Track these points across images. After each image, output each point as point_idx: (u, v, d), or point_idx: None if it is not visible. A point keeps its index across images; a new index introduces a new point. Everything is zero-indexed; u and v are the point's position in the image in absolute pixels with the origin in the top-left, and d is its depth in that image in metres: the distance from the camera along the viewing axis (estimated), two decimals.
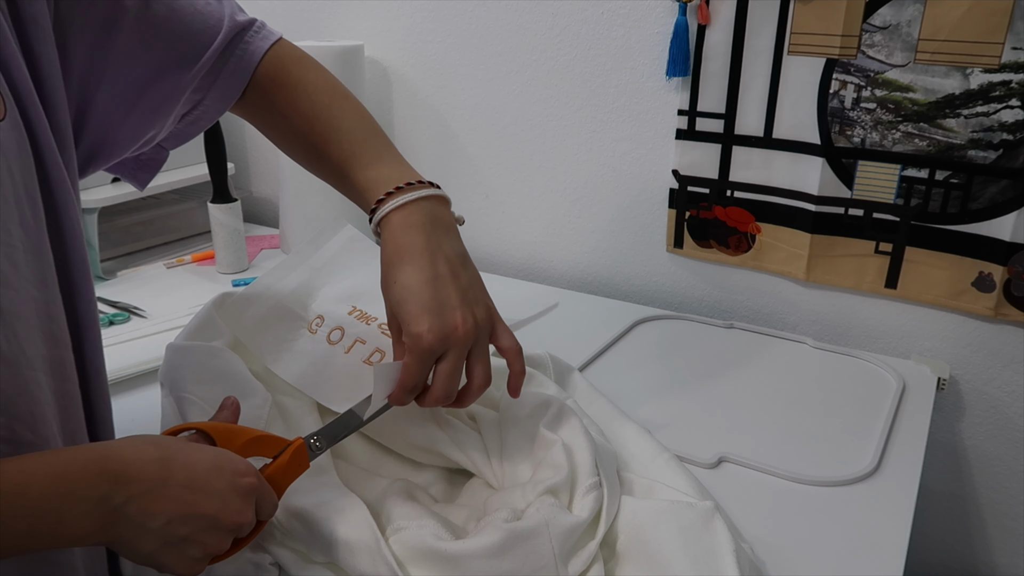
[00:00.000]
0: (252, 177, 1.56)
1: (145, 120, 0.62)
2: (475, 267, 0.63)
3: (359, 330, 0.73)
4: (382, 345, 0.71)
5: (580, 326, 1.07)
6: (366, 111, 0.71)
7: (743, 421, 0.85)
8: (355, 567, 0.57)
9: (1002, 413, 1.02)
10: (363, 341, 0.72)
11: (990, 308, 0.96)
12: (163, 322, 1.04)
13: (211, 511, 0.47)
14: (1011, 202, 0.91)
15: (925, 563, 1.12)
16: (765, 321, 1.13)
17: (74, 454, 0.44)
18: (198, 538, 0.47)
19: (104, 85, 0.58)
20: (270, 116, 0.70)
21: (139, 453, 0.45)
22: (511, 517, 0.57)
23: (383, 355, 0.70)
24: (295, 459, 0.57)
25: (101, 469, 0.43)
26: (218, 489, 0.48)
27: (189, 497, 0.46)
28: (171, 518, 0.45)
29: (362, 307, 0.75)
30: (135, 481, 0.44)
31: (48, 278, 0.52)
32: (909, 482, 0.75)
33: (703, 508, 0.61)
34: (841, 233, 1.03)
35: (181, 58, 0.62)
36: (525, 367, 0.64)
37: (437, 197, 0.64)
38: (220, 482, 0.48)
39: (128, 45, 0.59)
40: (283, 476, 0.56)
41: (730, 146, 1.06)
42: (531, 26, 1.16)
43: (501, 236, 1.32)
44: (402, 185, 0.64)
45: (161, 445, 0.47)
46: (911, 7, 0.90)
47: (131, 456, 0.45)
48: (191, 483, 0.46)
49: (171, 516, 0.45)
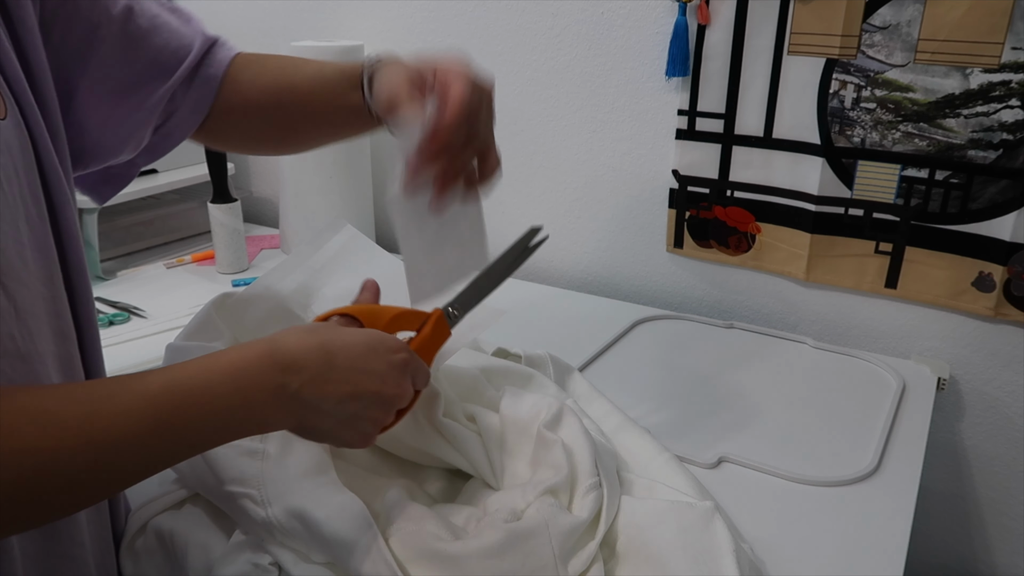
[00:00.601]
0: (252, 177, 1.56)
1: (121, 130, 0.62)
2: None
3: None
4: None
5: (580, 326, 1.07)
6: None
7: (743, 421, 0.85)
8: (355, 567, 0.57)
9: (1002, 413, 1.02)
10: None
11: (990, 308, 0.96)
12: (163, 322, 1.04)
13: (374, 388, 0.51)
14: (1011, 202, 0.91)
15: (925, 563, 1.12)
16: (765, 321, 1.13)
17: (244, 351, 0.47)
18: (366, 413, 0.52)
19: (82, 92, 0.59)
20: (241, 108, 0.69)
21: (302, 342, 0.49)
22: (511, 517, 0.57)
23: None
24: (437, 329, 0.60)
25: (273, 361, 0.47)
26: (376, 368, 0.52)
27: (353, 377, 0.50)
28: (341, 398, 0.50)
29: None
30: (304, 369, 0.48)
31: (55, 275, 0.53)
32: (909, 482, 0.75)
33: (703, 508, 0.61)
34: (841, 233, 1.03)
35: (160, 70, 0.63)
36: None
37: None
38: (377, 361, 0.52)
39: (109, 55, 0.60)
40: (429, 347, 0.59)
41: (730, 146, 1.06)
42: (531, 26, 1.16)
43: (501, 236, 1.31)
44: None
45: (319, 333, 0.51)
46: (911, 7, 0.90)
47: (295, 346, 0.48)
48: (353, 364, 0.50)
49: (341, 396, 0.50)
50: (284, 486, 0.62)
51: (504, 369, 0.78)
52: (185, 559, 0.65)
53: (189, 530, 0.66)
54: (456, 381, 0.73)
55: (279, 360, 0.47)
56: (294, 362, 0.48)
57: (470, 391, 0.74)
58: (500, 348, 0.85)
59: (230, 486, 0.62)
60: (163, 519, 0.67)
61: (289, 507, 0.60)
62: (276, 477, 0.63)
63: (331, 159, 1.22)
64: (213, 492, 0.66)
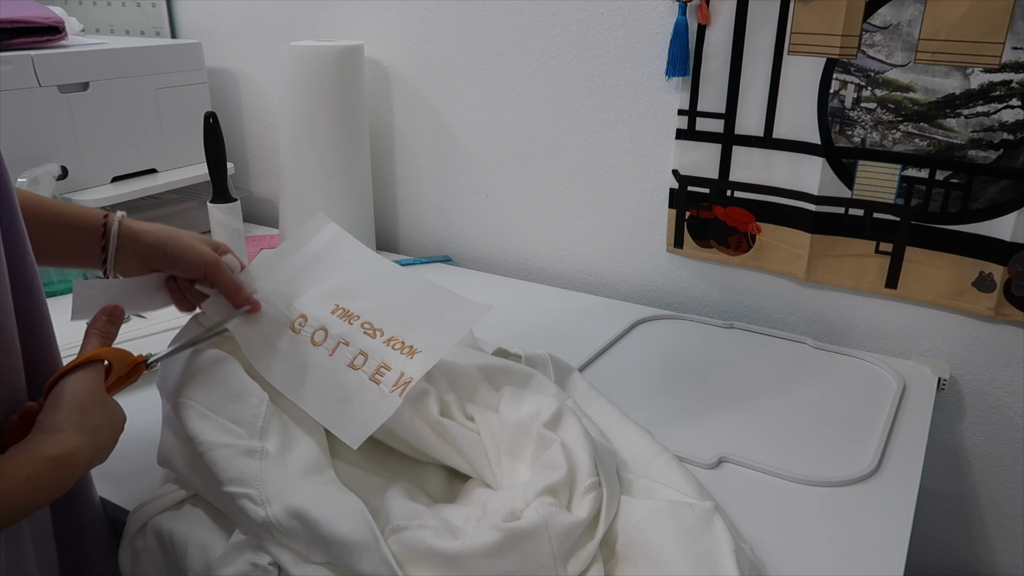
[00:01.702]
0: (252, 177, 1.56)
1: None
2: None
3: (342, 330, 0.72)
4: (365, 347, 0.70)
5: (580, 326, 1.07)
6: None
7: (743, 421, 0.85)
8: (354, 566, 0.57)
9: (1002, 413, 1.02)
10: (346, 343, 0.71)
11: (990, 308, 0.96)
12: (162, 322, 1.04)
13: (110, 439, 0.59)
14: (1011, 202, 0.91)
15: (925, 563, 1.12)
16: (765, 321, 1.13)
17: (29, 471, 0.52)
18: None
19: None
20: None
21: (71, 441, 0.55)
22: (510, 517, 0.57)
23: (366, 358, 0.69)
24: (135, 372, 0.65)
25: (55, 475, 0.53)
26: (108, 424, 0.59)
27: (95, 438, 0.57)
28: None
29: (345, 305, 0.74)
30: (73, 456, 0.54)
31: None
32: (909, 482, 0.75)
33: (703, 508, 0.61)
34: (841, 233, 1.03)
35: None
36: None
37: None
38: (113, 422, 0.59)
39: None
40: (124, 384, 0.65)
41: (730, 146, 1.06)
42: (531, 26, 1.16)
43: (501, 236, 1.32)
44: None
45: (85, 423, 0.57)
46: (911, 7, 0.90)
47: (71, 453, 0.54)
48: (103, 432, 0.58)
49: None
50: (283, 485, 0.62)
51: (504, 369, 0.77)
52: (184, 559, 0.65)
53: (188, 530, 0.66)
54: (456, 380, 0.73)
55: (65, 472, 0.53)
56: (85, 463, 0.55)
57: (470, 390, 0.73)
58: (500, 348, 0.85)
59: (229, 486, 0.62)
60: (162, 519, 0.68)
61: (288, 507, 0.60)
62: (275, 477, 0.63)
63: (331, 159, 1.22)
64: (212, 492, 0.66)
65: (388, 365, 0.67)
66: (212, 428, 0.65)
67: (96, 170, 1.23)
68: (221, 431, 0.65)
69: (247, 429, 0.66)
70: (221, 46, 1.48)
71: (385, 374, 0.67)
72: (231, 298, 0.74)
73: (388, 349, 0.69)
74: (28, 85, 1.13)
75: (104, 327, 0.64)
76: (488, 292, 1.20)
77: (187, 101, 1.36)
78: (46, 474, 0.51)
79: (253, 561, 0.60)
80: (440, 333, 0.69)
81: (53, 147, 1.17)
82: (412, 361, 0.67)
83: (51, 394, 0.56)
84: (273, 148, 1.51)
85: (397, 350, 0.69)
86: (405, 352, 0.68)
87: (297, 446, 0.67)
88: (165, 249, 0.72)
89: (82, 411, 0.55)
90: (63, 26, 1.25)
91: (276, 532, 0.61)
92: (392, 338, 0.70)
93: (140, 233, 0.72)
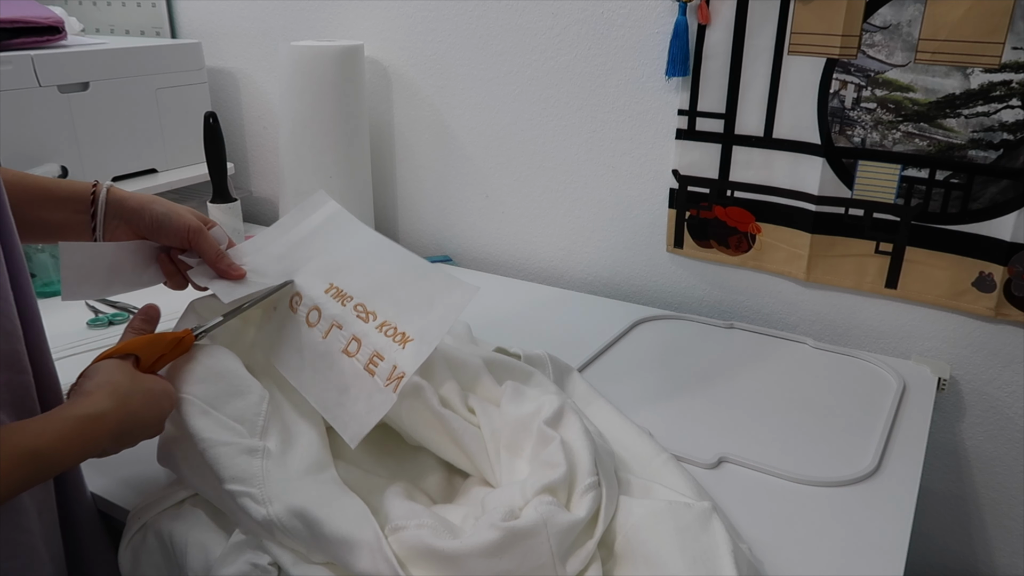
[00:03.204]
0: (252, 177, 1.56)
1: None
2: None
3: (335, 312, 0.71)
4: (358, 332, 0.69)
5: (580, 326, 1.07)
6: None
7: (743, 421, 0.85)
8: (355, 566, 0.57)
9: (1002, 413, 1.02)
10: (339, 326, 0.70)
11: (990, 308, 0.96)
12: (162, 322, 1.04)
13: (151, 430, 0.64)
14: (1011, 202, 0.91)
15: (925, 563, 1.12)
16: (765, 321, 1.13)
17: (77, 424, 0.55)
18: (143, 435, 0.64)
19: None
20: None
21: (111, 411, 0.58)
22: (509, 516, 0.57)
23: (359, 344, 0.69)
24: (184, 344, 0.69)
25: (91, 434, 0.56)
26: (152, 415, 0.63)
27: (137, 430, 0.62)
28: (133, 437, 0.62)
29: (339, 284, 0.73)
30: (110, 434, 0.58)
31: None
32: (909, 482, 0.75)
33: (701, 508, 0.61)
34: (841, 233, 1.03)
35: None
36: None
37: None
38: (155, 409, 0.63)
39: None
40: (176, 357, 0.69)
41: (730, 146, 1.06)
42: (531, 26, 1.16)
43: (501, 236, 1.32)
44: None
45: (118, 404, 0.59)
46: (911, 7, 0.90)
47: (110, 418, 0.58)
48: (140, 421, 0.62)
49: (133, 438, 0.62)
50: (285, 484, 0.62)
51: (504, 364, 0.77)
52: (184, 559, 0.65)
53: (188, 530, 0.66)
54: (458, 368, 0.73)
55: (95, 431, 0.56)
56: (116, 426, 0.58)
57: (472, 379, 0.73)
58: (500, 348, 0.85)
59: (230, 484, 0.62)
60: (162, 519, 0.67)
61: (290, 506, 0.60)
62: (277, 476, 0.63)
63: (331, 159, 1.22)
64: (213, 491, 0.66)
65: (381, 354, 0.67)
66: (213, 426, 0.65)
67: (96, 170, 1.23)
68: (222, 429, 0.65)
69: (248, 427, 0.66)
70: (221, 46, 1.48)
71: (379, 364, 0.67)
72: (213, 265, 0.75)
73: (380, 336, 0.69)
74: (28, 85, 1.13)
75: (139, 325, 0.68)
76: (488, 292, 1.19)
77: (187, 101, 1.36)
78: (76, 432, 0.54)
79: (253, 561, 0.60)
80: (431, 320, 0.69)
81: (53, 147, 1.17)
82: (404, 351, 0.67)
83: (81, 375, 0.60)
84: (273, 148, 1.51)
85: (389, 337, 0.68)
86: (397, 340, 0.68)
87: (298, 444, 0.67)
88: (151, 212, 0.73)
89: (111, 382, 0.59)
90: (63, 26, 1.25)
91: (277, 531, 0.61)
92: (384, 323, 0.69)
93: (126, 198, 0.73)
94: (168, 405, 0.64)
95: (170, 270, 0.76)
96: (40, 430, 0.52)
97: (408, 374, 0.65)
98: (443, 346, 0.75)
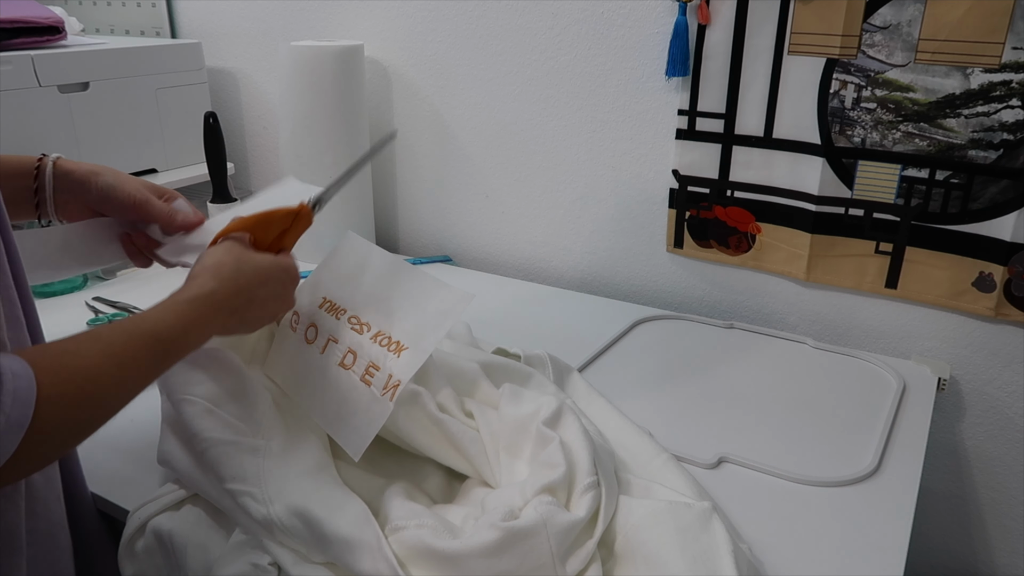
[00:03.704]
0: (252, 177, 1.56)
1: None
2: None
3: (330, 326, 0.71)
4: (353, 344, 0.69)
5: (580, 326, 1.07)
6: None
7: (743, 421, 0.85)
8: (355, 565, 0.57)
9: (1002, 413, 1.02)
10: (335, 340, 0.70)
11: (990, 308, 0.96)
12: None
13: (275, 306, 0.69)
14: (1011, 202, 0.91)
15: (925, 563, 1.12)
16: (765, 321, 1.13)
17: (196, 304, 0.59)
18: (271, 314, 0.69)
19: None
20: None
21: (228, 284, 0.62)
22: (509, 516, 0.57)
23: (355, 356, 0.69)
24: (302, 219, 0.70)
25: (215, 309, 0.61)
26: (277, 291, 0.67)
27: (263, 307, 0.66)
28: (257, 317, 0.67)
29: (331, 298, 0.73)
30: (235, 310, 0.62)
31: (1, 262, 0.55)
32: (909, 482, 0.75)
33: (701, 508, 0.61)
34: (841, 233, 1.03)
35: None
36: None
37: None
38: (276, 285, 0.67)
39: None
40: (296, 235, 0.71)
41: (730, 146, 1.06)
42: (531, 26, 1.16)
43: (501, 236, 1.31)
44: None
45: (237, 274, 0.63)
46: (911, 7, 0.90)
47: (226, 288, 0.61)
48: (263, 296, 0.65)
49: (256, 317, 0.67)
50: (285, 484, 0.62)
51: (503, 366, 0.77)
52: (184, 559, 0.65)
53: (188, 530, 0.66)
54: (455, 375, 0.73)
55: (206, 311, 0.59)
56: (226, 302, 0.61)
57: (469, 385, 0.73)
58: (499, 348, 0.85)
59: (231, 484, 0.62)
60: (162, 519, 0.67)
61: (290, 505, 0.60)
62: (277, 475, 0.63)
63: (331, 159, 1.22)
64: (213, 491, 0.66)
65: (377, 365, 0.67)
66: (214, 425, 0.65)
67: None
68: (223, 428, 0.65)
69: (249, 427, 0.66)
70: (221, 46, 1.48)
71: (375, 374, 0.67)
72: (167, 226, 0.73)
73: (375, 346, 0.68)
74: (28, 85, 1.13)
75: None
76: (488, 292, 1.19)
77: (187, 101, 1.36)
78: (188, 314, 0.57)
79: (253, 561, 0.60)
80: (425, 328, 0.69)
81: (53, 147, 1.17)
82: (399, 360, 0.67)
83: (196, 261, 0.63)
84: (273, 148, 1.51)
85: (384, 347, 0.68)
86: (392, 349, 0.68)
87: (298, 444, 0.67)
88: (96, 184, 0.70)
89: (216, 263, 0.62)
90: (63, 26, 1.25)
91: (277, 531, 0.61)
92: (379, 333, 0.69)
93: (73, 169, 0.70)
94: (286, 279, 0.66)
95: (132, 251, 0.75)
96: (157, 317, 0.55)
97: (403, 382, 0.65)
98: (440, 354, 0.75)
